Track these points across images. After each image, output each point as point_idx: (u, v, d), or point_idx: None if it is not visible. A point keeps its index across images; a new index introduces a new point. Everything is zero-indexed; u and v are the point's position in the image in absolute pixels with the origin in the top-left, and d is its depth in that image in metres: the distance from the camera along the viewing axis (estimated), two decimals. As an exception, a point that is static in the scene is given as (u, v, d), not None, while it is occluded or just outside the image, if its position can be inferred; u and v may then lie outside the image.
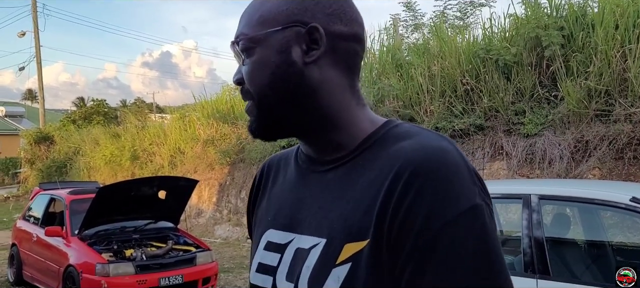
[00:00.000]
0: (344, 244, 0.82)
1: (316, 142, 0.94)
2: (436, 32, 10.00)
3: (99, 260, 6.46)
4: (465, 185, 0.78)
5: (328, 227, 0.86)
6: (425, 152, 0.80)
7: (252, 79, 0.91)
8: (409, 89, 9.18)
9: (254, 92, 0.91)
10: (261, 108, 0.92)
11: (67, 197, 7.75)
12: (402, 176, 0.78)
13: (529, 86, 7.80)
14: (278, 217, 0.97)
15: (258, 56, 0.90)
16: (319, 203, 0.90)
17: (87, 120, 27.33)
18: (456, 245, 0.74)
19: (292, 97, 0.89)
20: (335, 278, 0.81)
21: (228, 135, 13.46)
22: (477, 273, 0.74)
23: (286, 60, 0.88)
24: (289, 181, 1.00)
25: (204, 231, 12.31)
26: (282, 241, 0.93)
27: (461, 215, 0.75)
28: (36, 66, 27.15)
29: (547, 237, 3.58)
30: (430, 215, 0.75)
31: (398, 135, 0.86)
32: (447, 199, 0.75)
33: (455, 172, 0.78)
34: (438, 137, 0.84)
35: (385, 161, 0.83)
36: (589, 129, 6.99)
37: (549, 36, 7.54)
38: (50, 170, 20.61)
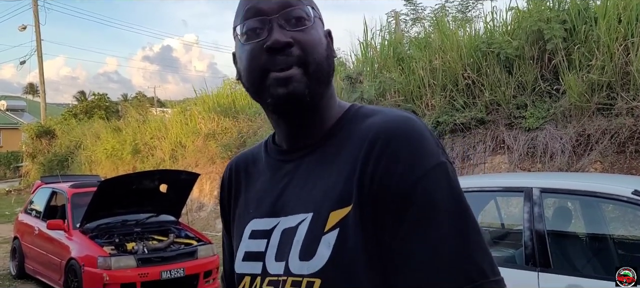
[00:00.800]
0: (330, 212, 0.89)
1: (309, 126, 0.99)
2: (438, 26, 9.97)
3: (101, 253, 6.48)
4: (431, 146, 0.89)
5: (312, 201, 0.92)
6: (394, 122, 0.90)
7: (315, 47, 0.96)
8: (410, 83, 9.17)
9: (312, 60, 0.94)
10: (314, 76, 0.95)
11: (68, 191, 7.76)
12: (376, 143, 0.88)
13: (531, 80, 7.78)
14: (260, 207, 1.02)
15: (315, 31, 0.97)
16: (300, 185, 0.96)
17: (88, 114, 27.35)
18: (430, 193, 0.84)
19: (332, 75, 1.00)
20: (326, 245, 0.88)
21: (229, 129, 13.46)
22: (449, 218, 0.84)
23: (329, 46, 1.00)
24: (265, 175, 1.05)
25: (206, 225, 12.32)
26: (267, 227, 0.98)
27: (431, 169, 0.86)
28: (37, 60, 27.14)
29: (548, 230, 3.58)
30: (405, 172, 0.85)
31: (365, 114, 0.97)
32: (418, 158, 0.86)
33: (421, 136, 0.89)
34: (401, 111, 0.95)
35: (358, 135, 0.93)
36: (591, 122, 6.98)
37: (551, 29, 7.52)
38: (51, 163, 20.64)
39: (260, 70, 0.94)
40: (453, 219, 0.84)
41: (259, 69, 0.94)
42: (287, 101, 0.94)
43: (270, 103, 0.96)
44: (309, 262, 0.89)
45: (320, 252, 0.88)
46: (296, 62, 0.93)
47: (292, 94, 0.93)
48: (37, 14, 26.93)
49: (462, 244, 0.83)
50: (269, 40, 0.93)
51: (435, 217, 0.84)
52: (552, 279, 3.31)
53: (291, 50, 0.93)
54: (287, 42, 0.93)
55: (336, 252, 0.87)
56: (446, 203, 0.85)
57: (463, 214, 0.86)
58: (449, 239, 0.83)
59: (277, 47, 0.92)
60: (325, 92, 0.98)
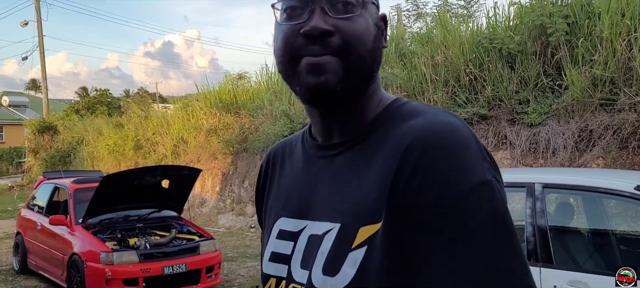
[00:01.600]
0: (359, 228, 0.81)
1: (346, 120, 0.91)
2: (440, 21, 9.96)
3: (103, 248, 6.49)
4: (475, 161, 0.77)
5: (341, 211, 0.85)
6: (433, 129, 0.79)
7: (359, 37, 0.86)
8: (412, 78, 9.16)
9: (354, 51, 0.85)
10: (354, 67, 0.86)
11: (71, 186, 7.77)
12: (411, 154, 0.78)
13: (533, 75, 7.77)
14: (288, 204, 0.96)
15: (364, 20, 0.88)
16: (330, 188, 0.89)
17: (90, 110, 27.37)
18: (467, 219, 0.73)
19: (376, 68, 0.91)
20: (351, 262, 0.80)
21: (231, 124, 13.46)
22: (487, 248, 0.73)
23: (378, 36, 0.91)
24: (297, 167, 0.99)
25: (208, 220, 12.34)
26: (295, 229, 0.92)
27: (472, 190, 0.75)
28: (39, 56, 27.18)
29: (550, 226, 3.58)
30: (441, 191, 0.74)
31: (406, 113, 0.86)
32: (458, 175, 0.75)
33: (465, 147, 0.77)
34: (446, 114, 0.83)
35: (394, 141, 0.82)
36: (594, 118, 6.96)
37: (554, 24, 7.50)
38: (54, 159, 20.68)
39: (294, 54, 0.86)
40: (493, 253, 0.73)
41: (293, 53, 0.86)
42: (317, 93, 0.86)
43: (299, 92, 0.88)
44: (332, 278, 0.82)
45: (344, 269, 0.81)
46: (334, 51, 0.84)
47: (324, 86, 0.85)
48: (39, 10, 26.97)
49: (501, 279, 0.72)
50: (307, 25, 0.84)
51: (473, 248, 0.73)
52: (554, 275, 3.30)
53: (330, 40, 0.84)
54: (327, 30, 0.84)
55: (361, 272, 0.79)
56: (488, 232, 0.74)
57: (507, 247, 0.74)
58: (486, 278, 0.72)
59: (314, 35, 0.84)
60: (366, 87, 0.89)
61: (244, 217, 11.87)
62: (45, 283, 7.69)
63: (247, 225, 11.53)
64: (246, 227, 11.43)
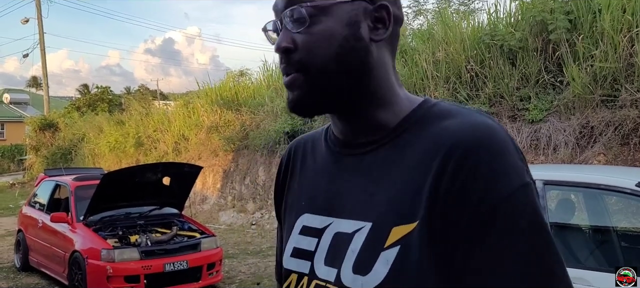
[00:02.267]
0: (392, 227, 0.81)
1: (357, 121, 0.91)
2: (441, 18, 9.94)
3: (104, 245, 6.50)
4: (515, 163, 0.78)
5: (373, 210, 0.84)
6: (473, 131, 0.79)
7: (314, 50, 0.85)
8: (413, 75, 9.16)
9: (312, 64, 0.86)
10: (317, 82, 0.86)
11: (72, 184, 7.78)
12: (453, 155, 0.78)
13: (534, 71, 7.76)
14: (313, 201, 0.95)
15: (323, 26, 0.85)
16: (359, 187, 0.88)
17: (91, 107, 27.37)
18: (510, 221, 0.74)
19: (354, 73, 0.87)
20: (384, 262, 0.80)
21: (232, 121, 13.46)
22: (532, 249, 0.74)
23: (355, 35, 0.86)
24: (321, 164, 0.97)
25: (209, 217, 12.35)
26: (320, 225, 0.91)
27: (514, 192, 0.75)
28: (40, 53, 27.17)
29: (551, 223, 3.58)
30: (483, 193, 0.75)
31: (439, 115, 0.85)
32: (500, 177, 0.76)
33: (505, 150, 0.78)
34: (481, 115, 0.83)
35: (430, 141, 0.82)
36: (595, 114, 6.95)
37: (555, 20, 7.48)
38: (55, 157, 20.71)
39: (282, 72, 0.90)
40: (537, 255, 0.75)
41: (281, 71, 0.90)
42: (293, 107, 0.90)
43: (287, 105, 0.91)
44: (363, 277, 0.82)
45: (376, 268, 0.81)
46: (297, 67, 0.86)
47: (295, 101, 0.88)
48: (39, 7, 26.96)
49: (545, 279, 0.75)
50: (276, 43, 0.88)
51: (516, 248, 0.74)
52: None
53: (292, 56, 0.86)
54: (286, 47, 0.86)
55: (394, 271, 0.80)
56: (530, 233, 0.75)
57: (548, 249, 0.76)
58: (531, 274, 0.74)
59: (279, 53, 0.87)
60: (349, 90, 0.88)
61: (245, 214, 11.88)
62: (47, 280, 7.70)
63: (248, 222, 11.54)
64: (247, 224, 11.44)
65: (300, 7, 0.85)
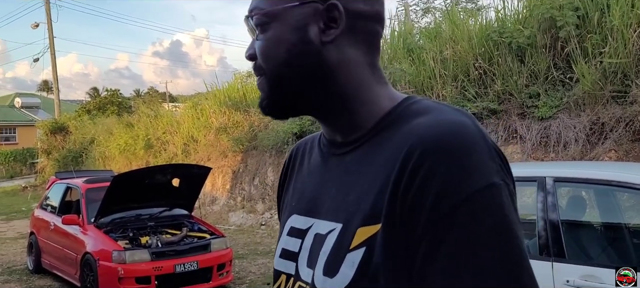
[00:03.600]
0: (357, 228, 0.79)
1: (334, 122, 0.90)
2: (448, 16, 9.91)
3: (116, 247, 6.54)
4: (482, 162, 0.73)
5: (344, 211, 0.83)
6: (438, 128, 0.75)
7: (266, 55, 0.87)
8: (420, 74, 9.13)
9: (267, 69, 0.88)
10: (273, 85, 0.89)
11: (82, 186, 7.83)
12: (412, 154, 0.74)
13: (543, 68, 7.71)
14: (301, 202, 0.96)
15: (273, 32, 0.86)
16: (337, 187, 0.87)
17: (101, 110, 27.54)
18: (470, 225, 0.69)
19: (308, 76, 0.86)
20: (349, 264, 0.79)
21: (240, 122, 13.50)
22: (495, 253, 0.69)
23: (303, 38, 0.85)
24: (312, 165, 0.98)
25: (218, 218, 12.39)
26: (303, 226, 0.92)
27: (476, 193, 0.70)
28: (50, 57, 27.37)
29: (562, 220, 3.55)
30: (441, 194, 0.71)
31: (415, 112, 0.82)
32: (461, 176, 0.71)
33: (470, 148, 0.73)
34: (455, 112, 0.80)
35: (399, 139, 0.79)
36: (605, 110, 6.90)
37: (564, 17, 7.43)
38: (66, 159, 20.85)
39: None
40: (499, 255, 0.70)
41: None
42: (261, 109, 0.92)
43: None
44: (331, 279, 0.81)
45: (343, 271, 0.79)
46: (259, 72, 0.90)
47: (261, 103, 0.91)
48: (49, 12, 27.15)
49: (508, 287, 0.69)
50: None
51: (475, 255, 0.69)
52: (567, 269, 3.28)
53: (257, 62, 0.89)
54: (248, 55, 0.90)
55: (359, 274, 0.77)
56: (492, 238, 0.70)
57: (514, 250, 0.71)
58: (491, 281, 0.68)
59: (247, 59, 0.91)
60: (311, 93, 0.88)
61: (254, 215, 11.90)
62: (59, 282, 7.76)
63: (257, 222, 11.56)
64: (257, 225, 11.46)
65: (250, 17, 0.88)
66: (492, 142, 0.76)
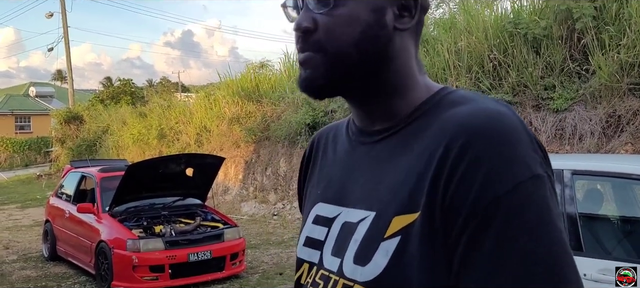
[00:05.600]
0: (393, 217, 0.78)
1: (373, 108, 0.89)
2: (463, 6, 9.82)
3: (130, 236, 6.60)
4: (525, 153, 0.72)
5: (377, 199, 0.82)
6: (480, 118, 0.75)
7: (337, 33, 0.83)
8: (435, 65, 9.07)
9: (333, 47, 0.83)
10: (335, 64, 0.84)
11: (97, 175, 7.90)
12: (456, 143, 0.73)
13: (559, 60, 7.63)
14: (327, 190, 0.94)
15: (348, 10, 0.82)
16: (367, 175, 0.87)
17: (114, 99, 27.71)
18: (514, 216, 0.69)
19: (373, 60, 0.85)
20: (383, 252, 0.78)
21: (253, 113, 13.52)
22: (539, 247, 0.69)
23: (379, 22, 0.83)
24: (340, 153, 0.97)
25: (231, 208, 12.45)
26: (330, 215, 0.90)
27: (520, 184, 0.70)
28: (64, 47, 27.56)
29: (580, 213, 3.52)
30: (486, 184, 0.70)
31: (452, 101, 0.82)
32: (505, 167, 0.70)
33: (513, 138, 0.72)
34: (495, 102, 0.79)
35: (437, 128, 0.78)
36: (622, 103, 6.82)
37: (581, 8, 7.34)
38: (80, 148, 21.03)
39: (297, 48, 0.88)
40: (542, 250, 0.69)
41: (297, 48, 0.88)
42: (304, 87, 0.87)
43: (298, 84, 0.89)
44: (363, 267, 0.80)
45: (376, 259, 0.78)
46: (315, 47, 0.84)
47: (308, 80, 0.86)
48: (63, 1, 27.29)
49: (553, 281, 0.68)
50: (294, 22, 0.86)
51: (520, 244, 0.69)
52: (584, 263, 3.25)
53: (311, 36, 0.84)
54: (305, 27, 0.84)
55: (393, 263, 0.76)
56: (537, 228, 0.69)
57: (556, 245, 0.70)
58: (537, 275, 0.68)
59: (297, 32, 0.85)
60: (366, 77, 0.86)
61: (266, 205, 11.94)
62: (74, 269, 7.85)
63: (270, 212, 11.60)
64: (269, 215, 11.50)
65: None
66: (532, 133, 0.76)
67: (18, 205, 15.58)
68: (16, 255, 9.07)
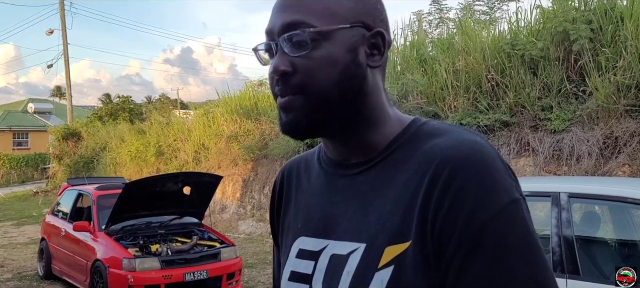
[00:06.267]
0: (385, 247, 0.81)
1: (349, 143, 0.91)
2: (461, 27, 9.89)
3: (126, 255, 6.56)
4: (503, 179, 0.78)
5: (366, 231, 0.84)
6: (461, 148, 0.80)
7: (317, 75, 0.85)
8: (433, 85, 9.10)
9: (314, 88, 0.85)
10: (316, 106, 0.86)
11: (94, 193, 7.87)
12: (441, 174, 0.78)
13: (556, 81, 7.66)
14: (309, 223, 0.95)
15: (325, 52, 0.85)
16: (352, 207, 0.89)
17: (113, 116, 27.73)
18: (501, 238, 0.75)
19: (352, 97, 0.87)
20: (378, 282, 0.80)
21: (251, 131, 13.53)
22: (525, 265, 0.75)
23: (355, 61, 0.86)
24: (315, 186, 0.98)
25: (228, 226, 12.40)
26: (316, 248, 0.92)
27: (503, 209, 0.76)
28: (64, 63, 27.65)
29: (576, 236, 3.51)
30: (472, 212, 0.75)
31: (429, 133, 0.86)
32: (488, 194, 0.76)
33: (492, 166, 0.79)
34: (470, 133, 0.84)
35: (419, 159, 0.83)
36: (619, 124, 6.84)
37: (577, 30, 7.39)
38: (77, 165, 20.99)
39: (274, 93, 0.90)
40: (528, 268, 0.75)
41: (273, 92, 0.90)
42: (288, 129, 0.89)
43: (280, 127, 0.91)
44: None
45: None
46: (296, 90, 0.85)
47: (292, 123, 0.88)
48: (63, 19, 27.44)
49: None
50: (271, 66, 0.87)
51: (508, 265, 0.75)
52: (581, 286, 3.24)
53: (291, 79, 0.85)
54: (283, 71, 0.85)
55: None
56: (521, 249, 0.75)
57: (539, 263, 0.76)
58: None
59: (275, 76, 0.87)
60: (346, 114, 0.88)
61: (264, 223, 11.89)
62: (69, 288, 7.78)
63: (267, 231, 11.55)
64: (266, 234, 11.45)
65: (303, 32, 0.84)
66: (505, 160, 0.82)
67: (14, 223, 15.49)
68: (11, 273, 9.00)
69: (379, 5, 0.91)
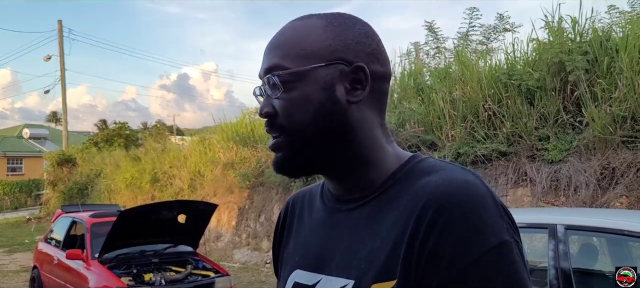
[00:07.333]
0: (372, 284, 0.80)
1: (344, 179, 0.91)
2: (458, 57, 9.96)
3: (119, 284, 6.46)
4: (493, 220, 0.75)
5: (355, 267, 0.84)
6: (449, 186, 0.77)
7: (292, 115, 0.87)
8: (430, 114, 9.13)
9: (291, 129, 0.87)
10: (296, 145, 0.88)
11: (88, 220, 7.80)
12: (427, 212, 0.76)
13: (553, 111, 7.69)
14: (305, 257, 0.95)
15: (300, 92, 0.86)
16: (345, 243, 0.88)
17: (108, 142, 27.67)
18: (485, 283, 0.72)
19: (333, 136, 0.87)
20: None
21: (248, 158, 13.49)
22: None
23: (331, 98, 0.86)
24: (316, 220, 0.98)
25: (223, 255, 12.28)
26: (310, 282, 0.91)
27: (489, 252, 0.73)
28: (61, 89, 27.67)
29: (573, 268, 3.48)
30: (456, 253, 0.73)
31: (423, 170, 0.85)
32: (474, 235, 0.73)
33: (481, 206, 0.75)
34: (462, 171, 0.82)
35: (410, 197, 0.81)
36: (616, 155, 6.84)
37: (573, 61, 7.44)
38: (72, 192, 20.86)
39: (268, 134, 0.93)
40: None
41: (267, 133, 0.93)
42: (278, 168, 0.91)
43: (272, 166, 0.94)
44: None
45: None
46: (278, 130, 0.88)
47: (279, 162, 0.91)
48: (62, 45, 27.56)
49: None
50: (259, 108, 0.91)
51: None
52: (581, 321, 3.20)
53: (275, 121, 0.88)
54: (266, 113, 0.89)
55: None
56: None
57: None
58: None
59: (261, 117, 0.90)
60: (331, 153, 0.88)
61: (259, 252, 11.79)
62: (60, 318, 7.64)
63: (262, 260, 11.44)
64: (261, 263, 11.34)
65: (273, 76, 0.86)
66: (499, 200, 0.79)
67: (5, 250, 15.30)
68: (1, 301, 8.86)
69: (366, 38, 0.89)
